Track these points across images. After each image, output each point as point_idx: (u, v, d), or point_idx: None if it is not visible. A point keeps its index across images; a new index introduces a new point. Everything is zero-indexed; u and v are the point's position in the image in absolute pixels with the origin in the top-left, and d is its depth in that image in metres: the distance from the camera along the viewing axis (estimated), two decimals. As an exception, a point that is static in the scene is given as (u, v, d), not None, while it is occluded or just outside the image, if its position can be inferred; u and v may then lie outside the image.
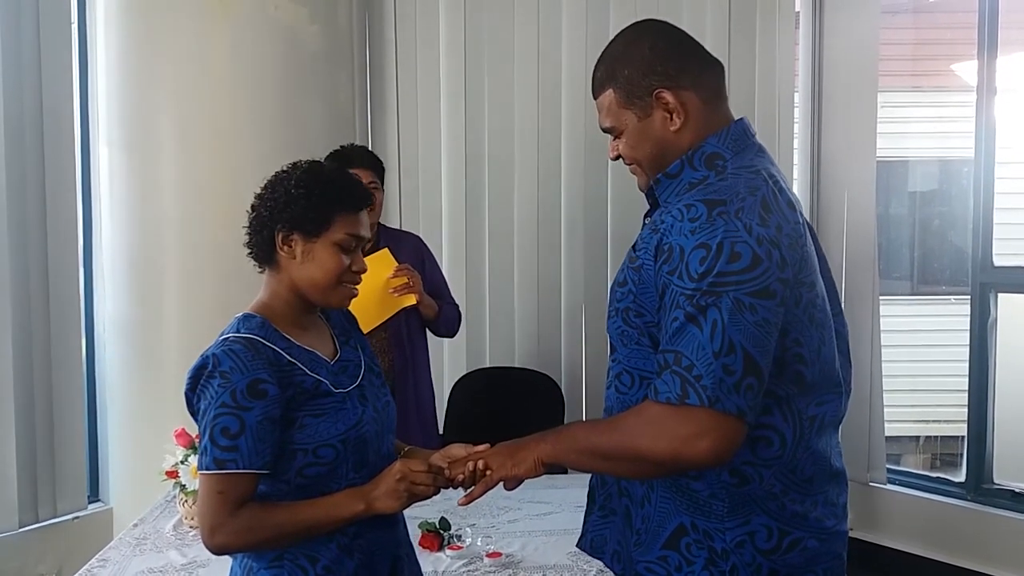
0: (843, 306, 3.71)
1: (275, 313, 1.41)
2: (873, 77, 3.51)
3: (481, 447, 1.41)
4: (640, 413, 1.24)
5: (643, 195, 1.44)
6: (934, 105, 5.25)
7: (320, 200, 1.38)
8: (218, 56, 3.03)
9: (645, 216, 1.42)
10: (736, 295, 1.17)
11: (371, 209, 1.47)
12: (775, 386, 1.23)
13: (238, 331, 1.36)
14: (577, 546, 1.49)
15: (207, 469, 1.30)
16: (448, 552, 2.07)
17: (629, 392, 1.34)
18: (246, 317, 1.39)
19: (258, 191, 1.44)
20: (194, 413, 1.36)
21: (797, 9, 3.68)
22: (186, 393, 1.36)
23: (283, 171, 1.43)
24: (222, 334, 1.37)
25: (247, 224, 1.43)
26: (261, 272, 1.46)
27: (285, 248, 1.39)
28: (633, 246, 1.35)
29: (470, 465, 1.37)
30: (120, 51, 3.06)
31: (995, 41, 3.29)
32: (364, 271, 1.44)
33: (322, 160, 2.39)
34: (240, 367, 1.30)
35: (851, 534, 3.54)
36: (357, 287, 1.45)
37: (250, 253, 1.44)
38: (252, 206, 1.43)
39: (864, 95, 3.52)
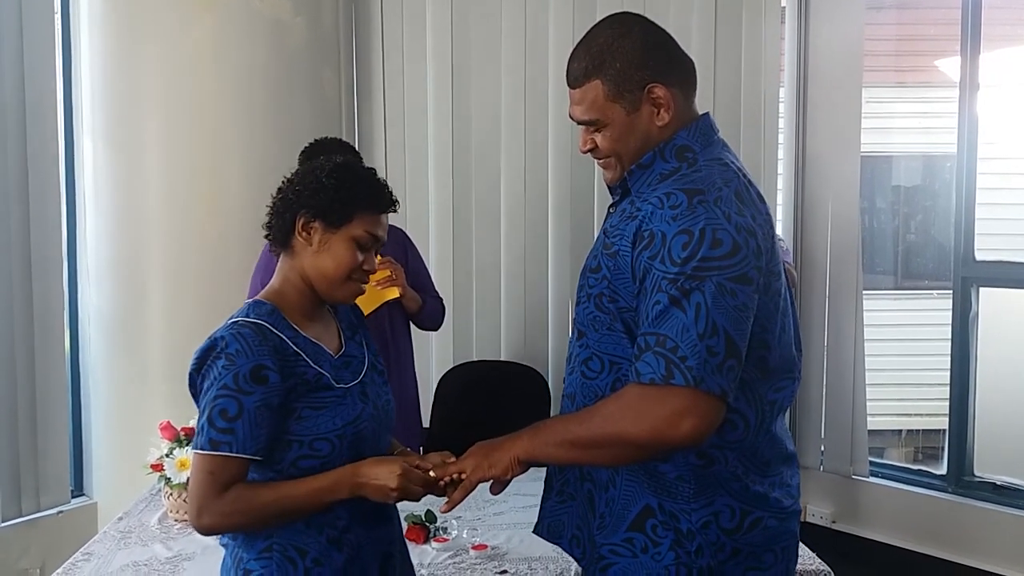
0: (827, 300, 3.74)
1: (285, 301, 1.42)
2: (858, 72, 3.53)
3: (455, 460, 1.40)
4: (621, 397, 1.25)
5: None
6: (918, 101, 5.28)
7: (348, 194, 1.39)
8: (202, 49, 3.01)
9: (610, 207, 1.43)
10: (719, 280, 1.20)
11: None
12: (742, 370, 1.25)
13: (248, 316, 1.37)
14: (534, 532, 1.50)
15: (201, 449, 1.31)
16: (434, 544, 2.08)
17: (598, 377, 1.35)
18: (256, 303, 1.40)
19: (288, 176, 1.46)
20: (196, 394, 1.36)
21: (783, 5, 3.69)
22: (190, 374, 1.36)
23: (318, 162, 1.45)
24: (231, 318, 1.38)
25: (270, 205, 1.45)
26: (275, 254, 1.47)
27: (304, 234, 1.40)
28: (604, 232, 1.36)
29: (448, 477, 1.36)
30: (104, 43, 3.03)
31: (978, 37, 3.31)
32: (374, 271, 1.46)
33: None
34: (246, 351, 1.30)
35: (833, 527, 3.60)
36: (364, 286, 1.46)
37: (268, 235, 1.45)
38: (279, 188, 1.45)
39: (849, 90, 3.54)
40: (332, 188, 1.39)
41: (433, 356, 3.56)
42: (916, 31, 5.32)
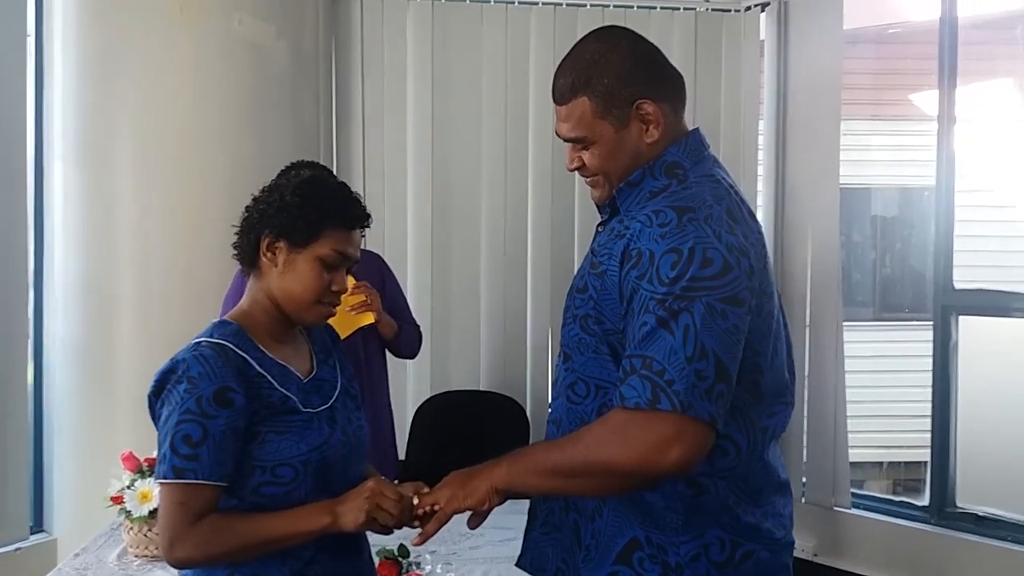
0: (807, 332, 3.72)
1: (252, 322, 1.37)
2: (836, 105, 3.54)
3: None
4: (605, 422, 1.20)
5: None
6: (895, 133, 5.36)
7: (313, 211, 1.34)
8: (180, 71, 2.97)
9: (598, 225, 1.39)
10: (708, 300, 1.16)
11: None
12: (733, 396, 1.21)
13: (211, 336, 1.32)
14: (516, 565, 1.44)
15: (164, 477, 1.25)
16: (407, 580, 2.01)
17: (583, 402, 1.30)
18: (222, 323, 1.36)
19: (255, 193, 1.41)
20: (155, 418, 1.31)
21: (761, 38, 3.72)
22: (149, 396, 1.30)
23: (284, 179, 1.40)
24: (195, 338, 1.33)
25: (237, 224, 1.40)
26: (244, 274, 1.43)
27: (268, 254, 1.36)
28: (592, 251, 1.32)
29: (421, 510, 1.31)
30: (78, 64, 2.98)
31: (955, 71, 3.34)
32: (344, 291, 1.40)
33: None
34: (209, 373, 1.25)
35: (815, 560, 3.54)
36: (335, 308, 1.41)
37: (235, 255, 1.41)
38: (246, 207, 1.40)
39: (827, 123, 3.55)
40: (296, 206, 1.34)
41: (410, 385, 3.49)
42: (892, 65, 5.41)
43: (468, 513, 1.32)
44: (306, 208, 1.34)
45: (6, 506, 2.86)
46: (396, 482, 2.07)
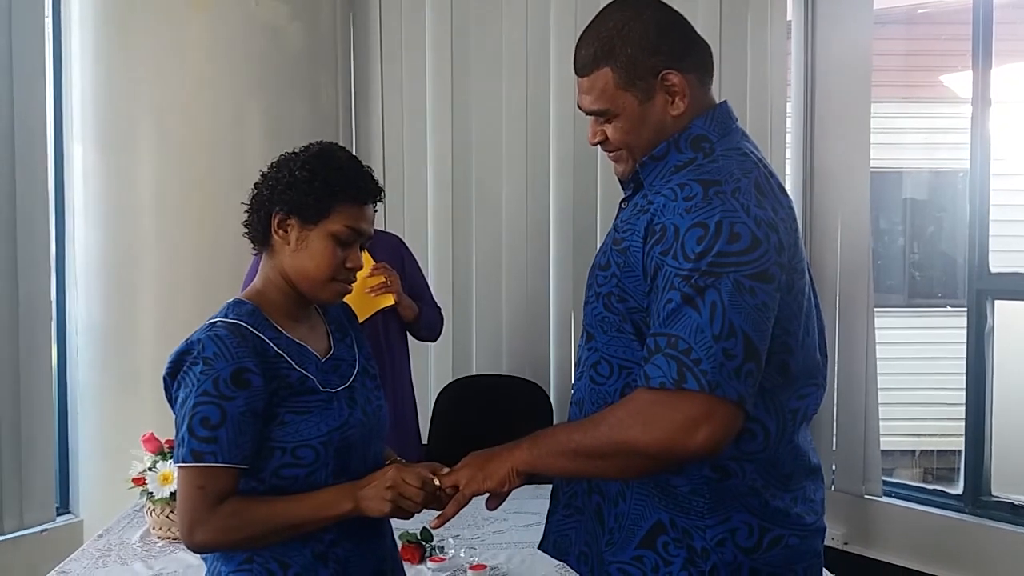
0: (837, 318, 3.64)
1: (267, 301, 1.34)
2: (866, 88, 3.46)
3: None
4: (629, 403, 1.16)
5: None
6: (927, 116, 5.25)
7: (323, 186, 1.30)
8: (197, 52, 2.96)
9: (622, 201, 1.34)
10: (736, 277, 1.11)
11: None
12: (761, 376, 1.16)
13: (226, 316, 1.29)
14: (539, 548, 1.40)
15: (183, 461, 1.23)
16: (430, 564, 1.99)
17: (606, 383, 1.26)
18: (237, 303, 1.33)
19: (264, 169, 1.38)
20: (171, 401, 1.28)
21: (789, 19, 3.63)
22: (164, 378, 1.28)
23: (293, 151, 1.37)
24: (210, 318, 1.30)
25: (247, 202, 1.37)
26: (257, 254, 1.40)
27: (280, 232, 1.33)
28: (614, 227, 1.28)
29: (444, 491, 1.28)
30: (96, 46, 2.98)
31: (989, 52, 3.25)
32: (359, 268, 1.37)
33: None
34: (225, 354, 1.23)
35: (845, 548, 3.48)
36: (351, 285, 1.37)
37: (246, 233, 1.38)
38: (255, 184, 1.37)
39: (857, 106, 3.47)
40: (305, 181, 1.30)
41: (431, 369, 3.47)
42: (924, 46, 5.30)
43: (487, 495, 1.29)
44: (316, 183, 1.30)
45: (33, 488, 2.89)
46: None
